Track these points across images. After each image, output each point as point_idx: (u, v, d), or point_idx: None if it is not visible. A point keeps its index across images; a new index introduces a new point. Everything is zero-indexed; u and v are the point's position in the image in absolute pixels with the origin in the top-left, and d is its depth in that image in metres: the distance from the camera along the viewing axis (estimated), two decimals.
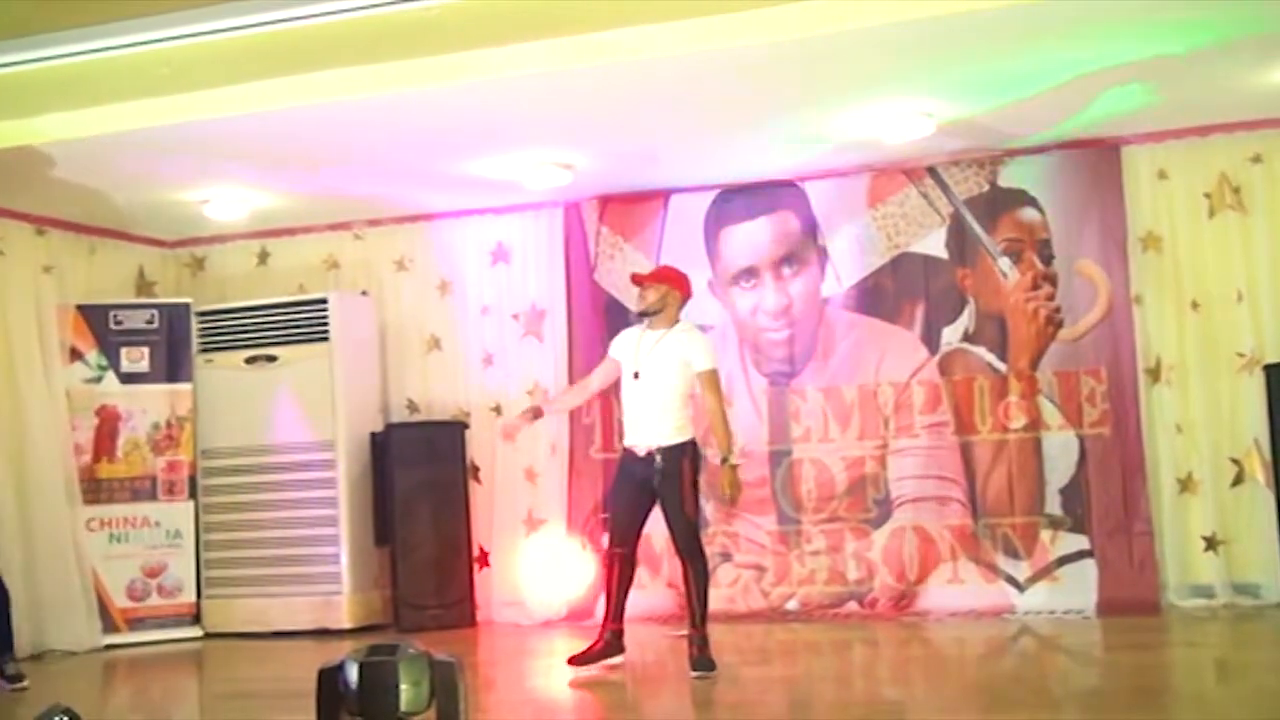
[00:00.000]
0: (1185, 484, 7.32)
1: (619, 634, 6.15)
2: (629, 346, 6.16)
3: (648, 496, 6.02)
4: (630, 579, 6.15)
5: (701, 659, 5.90)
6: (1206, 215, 7.39)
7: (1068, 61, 6.12)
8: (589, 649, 6.16)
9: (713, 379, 6.04)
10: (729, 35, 5.62)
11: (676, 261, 8.04)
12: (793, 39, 5.61)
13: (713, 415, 6.01)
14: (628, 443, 6.12)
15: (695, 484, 6.01)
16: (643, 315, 6.12)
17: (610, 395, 7.14)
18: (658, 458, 5.94)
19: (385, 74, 6.01)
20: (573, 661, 6.13)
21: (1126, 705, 4.98)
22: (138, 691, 6.95)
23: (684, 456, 5.96)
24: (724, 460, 5.96)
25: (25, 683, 6.48)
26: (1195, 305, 7.37)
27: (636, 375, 6.04)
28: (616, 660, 6.17)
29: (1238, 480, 7.25)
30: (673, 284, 6.17)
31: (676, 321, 6.13)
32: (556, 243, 8.42)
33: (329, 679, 2.86)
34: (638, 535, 6.16)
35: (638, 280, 6.24)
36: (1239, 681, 5.64)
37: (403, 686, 2.81)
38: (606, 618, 6.16)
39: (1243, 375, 7.24)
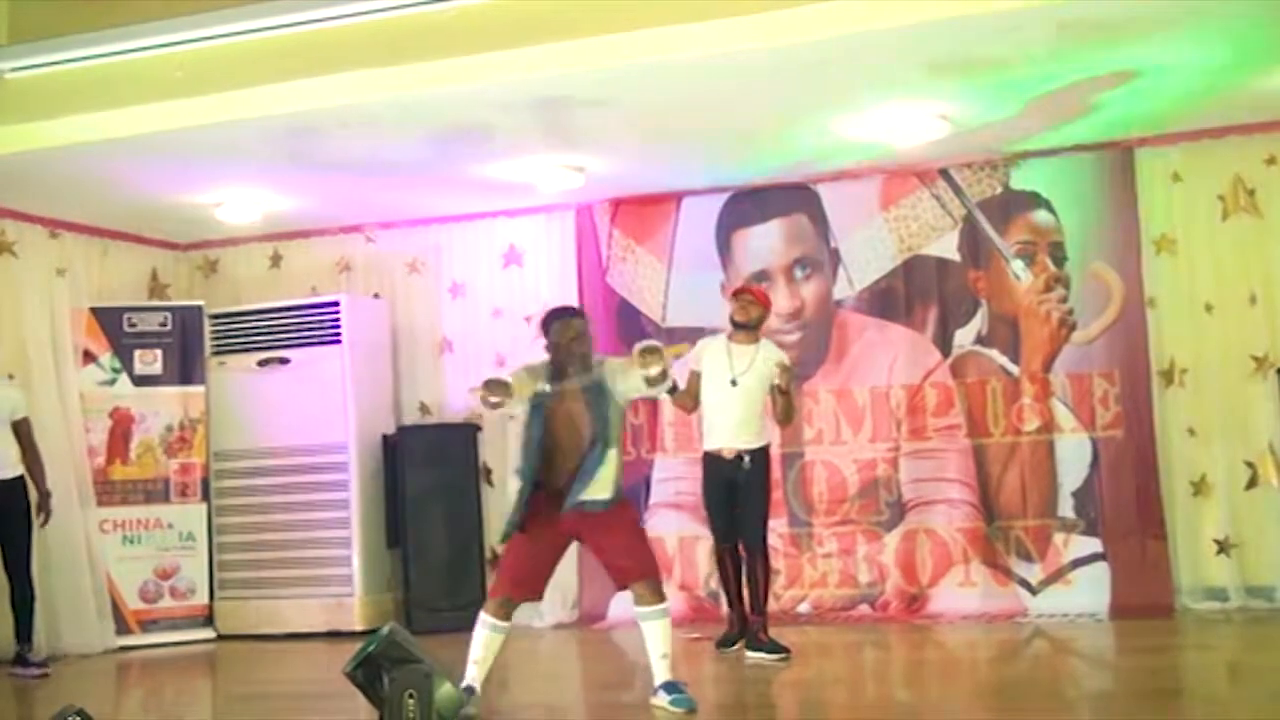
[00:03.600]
0: (1199, 487, 7.30)
1: (744, 618, 6.49)
2: (719, 357, 6.44)
3: (734, 494, 6.41)
4: (740, 568, 6.50)
5: (774, 643, 6.28)
6: (1220, 217, 7.36)
7: (1080, 64, 6.11)
8: (730, 632, 6.58)
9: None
10: (740, 38, 5.63)
11: (688, 264, 8.10)
12: (805, 41, 5.62)
13: (788, 408, 6.41)
14: (713, 446, 6.44)
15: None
16: (741, 326, 6.44)
17: None
18: (746, 459, 6.34)
19: (401, 76, 6.04)
20: (721, 645, 6.58)
21: (1139, 708, 4.96)
22: (151, 693, 6.96)
23: (768, 459, 6.49)
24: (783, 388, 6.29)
25: (49, 669, 6.86)
26: (1209, 308, 7.34)
27: (734, 383, 6.36)
28: (735, 647, 6.51)
29: (1251, 483, 7.23)
30: (769, 308, 6.64)
31: (759, 339, 6.51)
32: (569, 245, 8.42)
33: None
34: (737, 529, 6.48)
35: (744, 292, 6.56)
36: (1252, 685, 5.61)
37: None
38: (736, 604, 6.53)
39: (1256, 378, 7.22)
